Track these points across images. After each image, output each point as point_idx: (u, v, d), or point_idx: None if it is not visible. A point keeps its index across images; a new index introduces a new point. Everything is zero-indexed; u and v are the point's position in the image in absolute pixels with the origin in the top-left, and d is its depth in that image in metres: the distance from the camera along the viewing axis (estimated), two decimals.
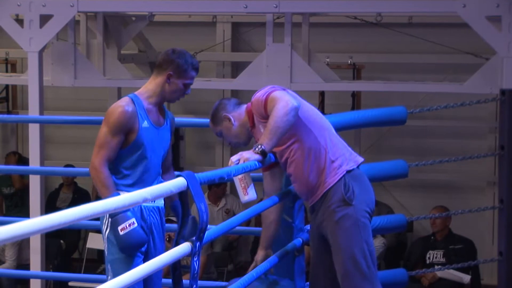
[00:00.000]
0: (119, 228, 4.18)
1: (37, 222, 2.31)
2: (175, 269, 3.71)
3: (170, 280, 3.87)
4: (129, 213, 4.18)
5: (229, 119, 4.25)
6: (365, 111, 5.44)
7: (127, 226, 4.17)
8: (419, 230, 9.88)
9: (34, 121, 7.51)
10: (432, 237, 8.63)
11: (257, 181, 4.23)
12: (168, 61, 4.34)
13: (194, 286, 3.55)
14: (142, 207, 4.31)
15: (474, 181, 10.12)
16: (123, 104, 4.27)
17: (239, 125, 4.26)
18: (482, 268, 9.27)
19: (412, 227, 9.81)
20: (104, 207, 2.71)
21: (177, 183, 3.35)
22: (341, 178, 4.12)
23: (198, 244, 3.51)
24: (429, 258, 8.51)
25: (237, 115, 4.26)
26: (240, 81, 8.08)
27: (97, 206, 2.63)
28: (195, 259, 3.51)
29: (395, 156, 7.32)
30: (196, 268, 3.53)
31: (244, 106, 4.29)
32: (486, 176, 10.01)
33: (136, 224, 4.18)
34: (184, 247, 3.49)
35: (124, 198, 2.92)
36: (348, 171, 4.13)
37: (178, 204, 4.15)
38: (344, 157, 4.15)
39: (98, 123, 4.46)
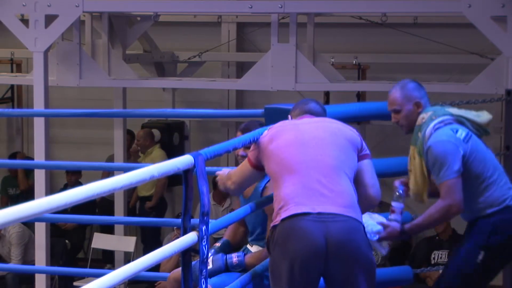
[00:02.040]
0: None
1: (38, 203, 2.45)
2: (185, 255, 3.59)
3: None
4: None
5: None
6: (370, 103, 5.37)
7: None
8: None
9: (39, 114, 7.57)
10: (437, 237, 8.61)
11: None
12: None
13: (204, 270, 3.51)
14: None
15: None
16: None
17: None
18: None
19: None
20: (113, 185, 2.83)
21: (183, 160, 3.38)
22: (275, 225, 3.78)
23: (204, 227, 3.48)
24: (433, 258, 8.49)
25: None
26: (245, 81, 8.08)
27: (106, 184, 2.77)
28: (203, 243, 3.48)
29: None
30: (205, 252, 3.51)
31: None
32: None
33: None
34: (191, 236, 3.48)
35: (132, 174, 2.97)
36: (283, 220, 3.76)
37: None
38: (286, 207, 3.76)
39: (102, 115, 4.48)
